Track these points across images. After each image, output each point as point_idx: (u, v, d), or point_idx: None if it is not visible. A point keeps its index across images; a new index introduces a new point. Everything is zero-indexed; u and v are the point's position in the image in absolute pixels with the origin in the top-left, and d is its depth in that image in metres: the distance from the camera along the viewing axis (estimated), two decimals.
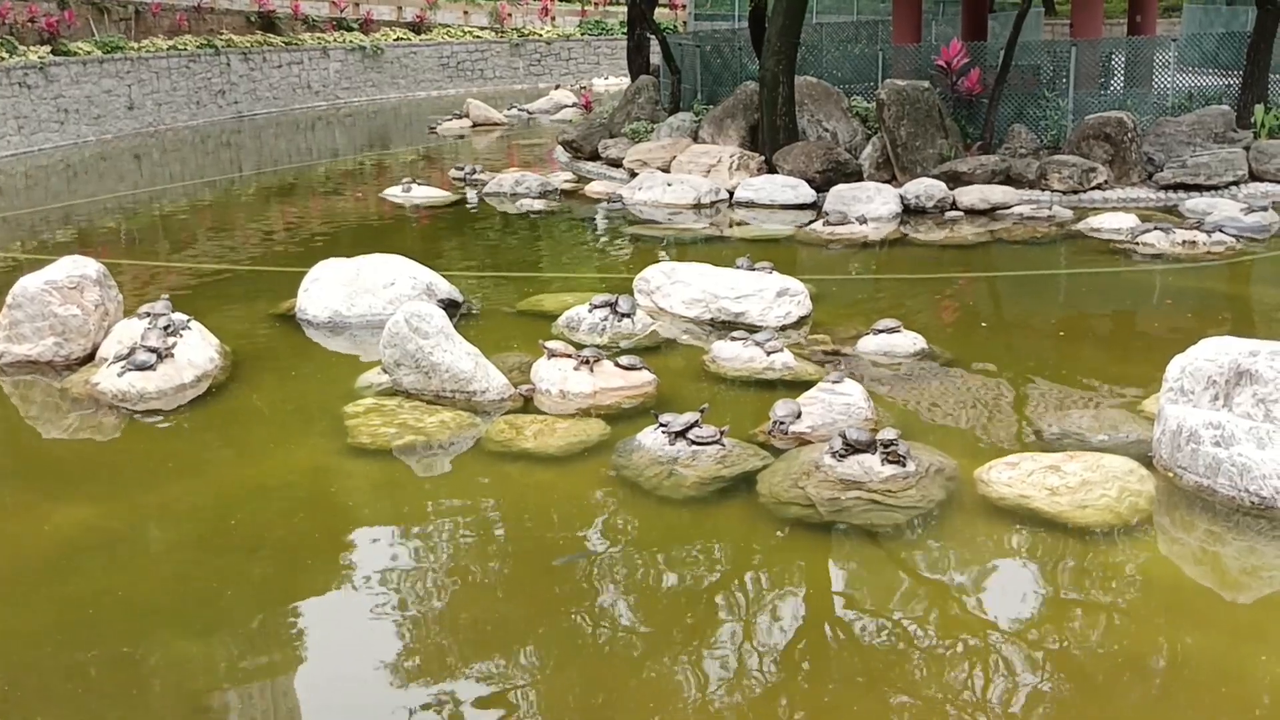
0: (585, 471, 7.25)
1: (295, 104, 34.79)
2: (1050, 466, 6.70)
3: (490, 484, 7.22)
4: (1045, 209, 14.86)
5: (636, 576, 6.02)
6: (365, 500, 7.11)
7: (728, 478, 6.93)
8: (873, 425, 7.49)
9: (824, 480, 6.70)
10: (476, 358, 8.54)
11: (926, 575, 5.98)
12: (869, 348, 9.30)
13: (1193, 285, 11.75)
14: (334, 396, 8.59)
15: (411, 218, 17.13)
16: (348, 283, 10.79)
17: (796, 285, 10.56)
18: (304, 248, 14.65)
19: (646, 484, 6.92)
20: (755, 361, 8.94)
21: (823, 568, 6.11)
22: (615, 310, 9.96)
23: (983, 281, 12.28)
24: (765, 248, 13.43)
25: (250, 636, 5.56)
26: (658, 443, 7.24)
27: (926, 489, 6.62)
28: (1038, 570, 5.98)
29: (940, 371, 8.95)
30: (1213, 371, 6.78)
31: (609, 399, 8.38)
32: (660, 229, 15.32)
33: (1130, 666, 5.07)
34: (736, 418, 7.90)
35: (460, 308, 10.98)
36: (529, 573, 6.12)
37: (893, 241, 14.05)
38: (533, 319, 10.70)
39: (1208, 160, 15.65)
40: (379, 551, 6.39)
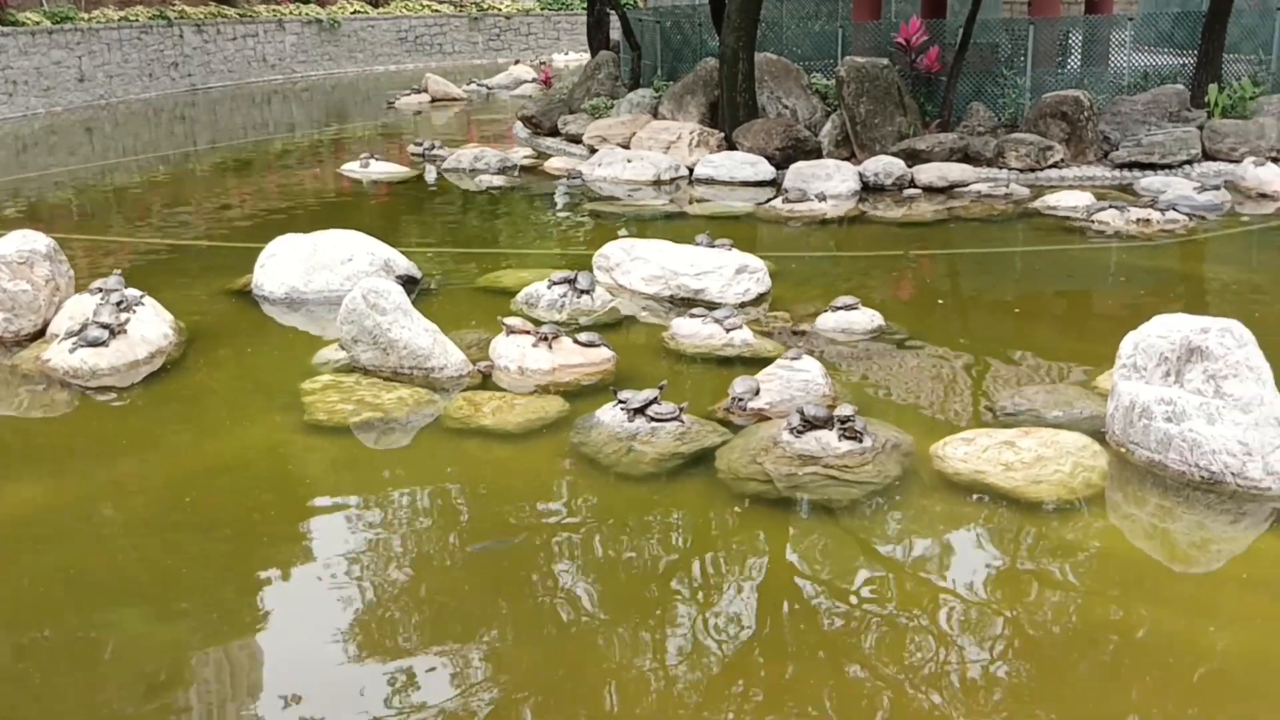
0: (544, 448, 7.25)
1: (250, 77, 34.37)
2: (1005, 442, 6.77)
3: (448, 461, 7.20)
4: (1002, 187, 14.96)
5: (595, 553, 6.03)
6: (323, 477, 7.07)
7: (686, 454, 6.95)
8: (830, 401, 7.54)
9: (782, 456, 6.73)
10: (435, 334, 8.51)
11: (883, 550, 6.04)
12: (827, 325, 9.35)
13: (1146, 263, 11.89)
14: (291, 373, 8.53)
15: (370, 193, 16.99)
16: (305, 259, 10.70)
17: (756, 262, 10.59)
18: (260, 223, 14.50)
19: (605, 460, 6.93)
20: (714, 338, 8.96)
21: (781, 543, 6.15)
22: (574, 287, 9.95)
23: (940, 259, 12.37)
24: (725, 224, 13.44)
25: (207, 615, 5.53)
26: (617, 419, 7.25)
27: (883, 464, 6.67)
28: (992, 545, 6.05)
29: (897, 348, 9.01)
30: (1165, 348, 6.87)
31: (568, 376, 8.37)
32: (620, 205, 15.30)
33: (1083, 639, 5.15)
34: (695, 394, 7.92)
35: (419, 284, 10.93)
36: (484, 538, 6.11)
37: (852, 219, 14.10)
38: (491, 295, 10.66)
39: (1162, 139, 15.81)
40: (337, 529, 6.36)
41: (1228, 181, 14.86)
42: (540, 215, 15.36)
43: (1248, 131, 16.07)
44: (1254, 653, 5.05)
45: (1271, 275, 11.67)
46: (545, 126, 20.92)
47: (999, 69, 17.63)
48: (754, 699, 4.78)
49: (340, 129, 25.12)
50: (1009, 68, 17.60)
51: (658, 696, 4.80)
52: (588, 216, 14.90)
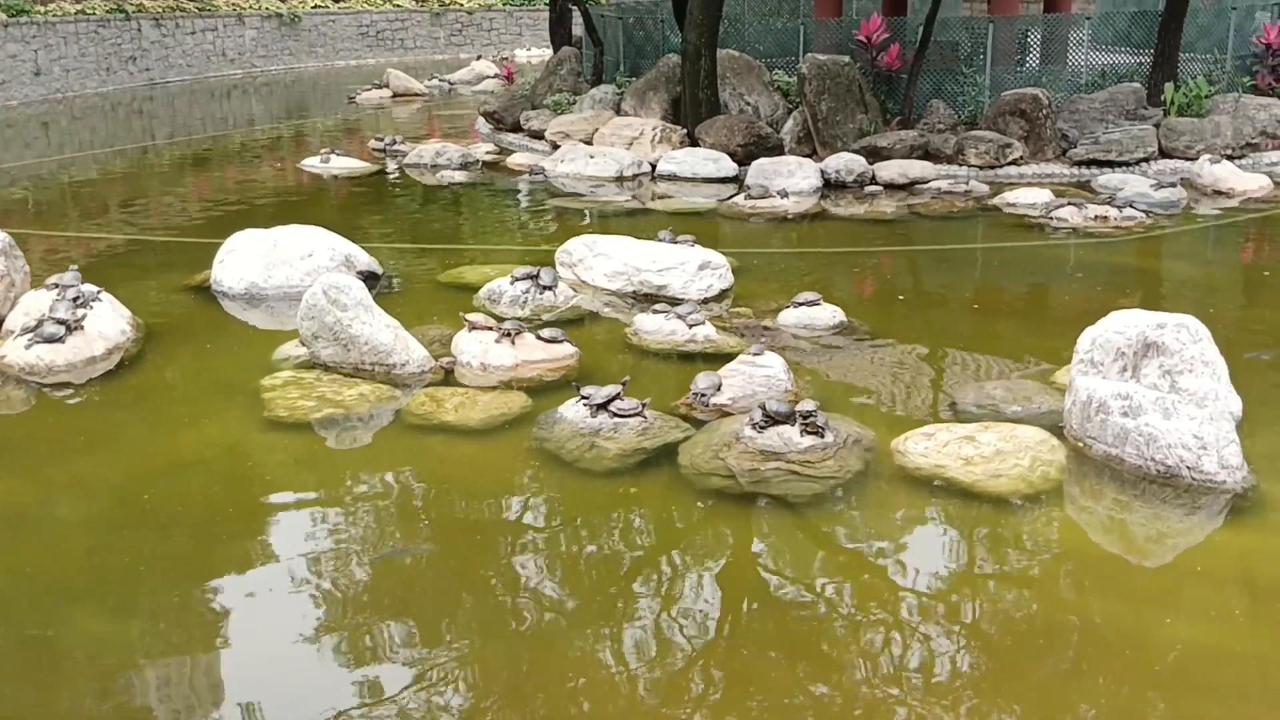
0: (506, 444, 7.23)
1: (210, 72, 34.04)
2: (965, 437, 6.82)
3: (411, 457, 7.16)
4: (962, 184, 15.06)
5: (559, 549, 6.02)
6: (283, 475, 7.01)
7: (649, 449, 6.95)
8: (792, 397, 7.56)
9: (744, 452, 6.75)
10: (396, 330, 8.46)
11: (844, 544, 6.06)
12: (789, 320, 9.38)
13: (1104, 259, 12.01)
14: (250, 369, 8.45)
15: (330, 189, 16.87)
16: (265, 254, 10.61)
17: (718, 258, 10.60)
18: (219, 218, 14.36)
19: (568, 456, 6.92)
20: (677, 334, 8.96)
21: (743, 538, 6.16)
22: (537, 283, 9.93)
23: (901, 256, 12.44)
24: (687, 221, 13.46)
25: (165, 615, 5.47)
26: (579, 415, 7.24)
27: (845, 459, 6.70)
28: (952, 538, 6.09)
29: (859, 344, 9.05)
30: (1121, 344, 6.94)
31: (530, 372, 8.35)
32: (583, 201, 15.28)
33: (1041, 631, 5.19)
34: (658, 390, 7.92)
35: (380, 280, 10.87)
36: (450, 546, 6.09)
37: (813, 215, 14.15)
38: (454, 291, 10.62)
39: (1119, 137, 15.97)
40: (298, 527, 6.31)
41: (1184, 179, 15.03)
42: (503, 211, 15.32)
43: (1203, 130, 16.26)
44: (1210, 645, 5.11)
45: (1227, 272, 11.83)
46: (507, 122, 20.85)
47: (959, 67, 17.74)
48: (715, 695, 4.79)
49: (301, 124, 24.93)
50: (969, 66, 17.72)
51: (621, 694, 4.80)
52: (550, 213, 14.87)
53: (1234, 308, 10.34)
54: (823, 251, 12.49)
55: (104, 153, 20.83)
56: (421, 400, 7.78)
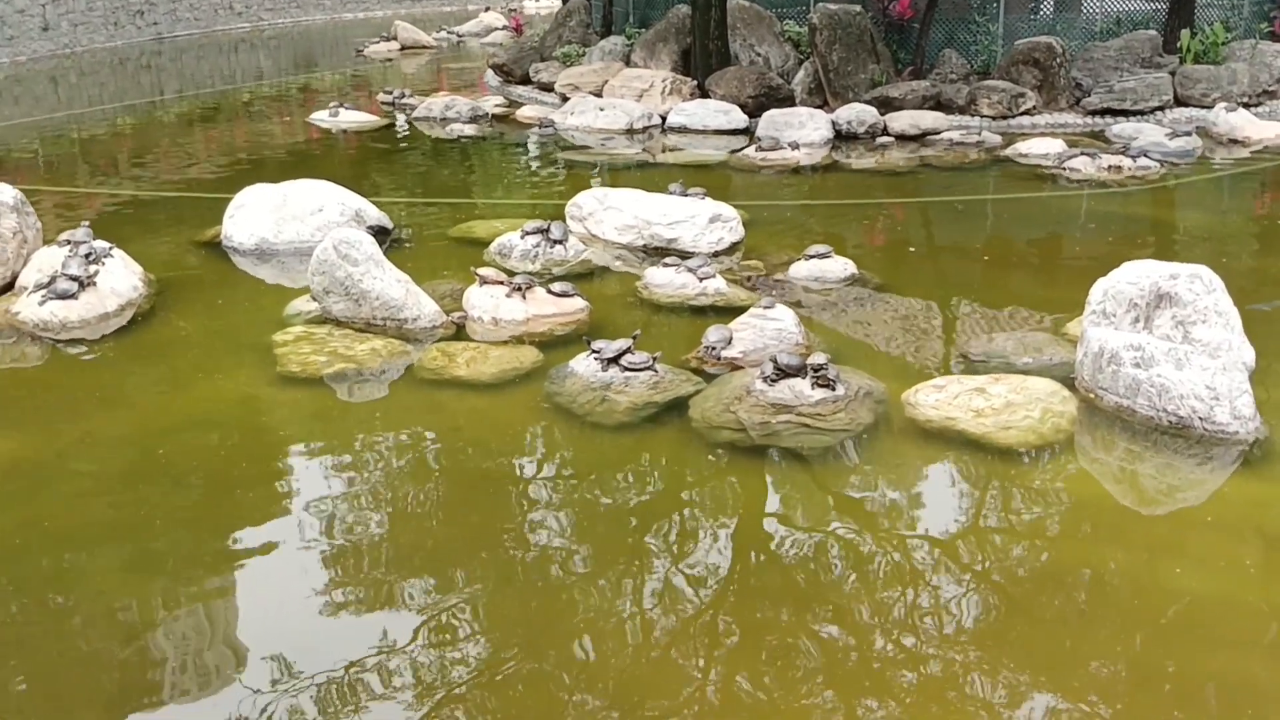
0: (518, 398, 7.25)
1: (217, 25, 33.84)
2: (976, 389, 6.81)
3: (423, 412, 7.19)
4: (975, 134, 14.94)
5: (570, 502, 6.05)
6: (296, 429, 7.05)
7: (660, 403, 6.96)
8: (803, 350, 7.55)
9: (755, 405, 6.76)
10: (407, 285, 8.46)
11: (855, 496, 6.08)
12: (800, 273, 9.35)
13: (1117, 210, 11.93)
14: (262, 325, 8.48)
15: (339, 143, 16.81)
16: (274, 209, 10.60)
17: (729, 211, 10.56)
18: (229, 173, 14.34)
19: (579, 410, 6.94)
20: (688, 288, 8.95)
21: (754, 490, 6.18)
22: (547, 237, 9.91)
23: (913, 207, 12.37)
24: (698, 173, 13.39)
25: (182, 567, 5.52)
26: (590, 369, 7.25)
27: (856, 412, 6.70)
28: (963, 490, 6.10)
29: (870, 296, 9.03)
30: (1134, 295, 6.90)
31: (541, 326, 8.36)
32: (593, 154, 15.20)
33: (1052, 581, 5.21)
34: (669, 344, 7.92)
35: (390, 234, 10.86)
36: (463, 500, 6.12)
37: (824, 167, 14.07)
38: (464, 246, 10.61)
39: (1134, 85, 15.81)
40: (311, 480, 6.35)
41: (1199, 127, 14.90)
42: (512, 164, 15.26)
43: (1219, 77, 16.08)
44: (1220, 594, 5.13)
45: (1241, 221, 11.74)
46: (517, 74, 20.72)
47: (972, 16, 17.55)
48: (728, 643, 4.82)
49: (309, 77, 24.80)
50: (981, 14, 17.52)
51: (634, 643, 4.84)
52: (560, 166, 14.81)
53: (1248, 257, 10.28)
54: (834, 203, 12.43)
55: (113, 108, 20.77)
56: (433, 355, 7.79)
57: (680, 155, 14.88)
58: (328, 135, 17.27)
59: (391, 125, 17.82)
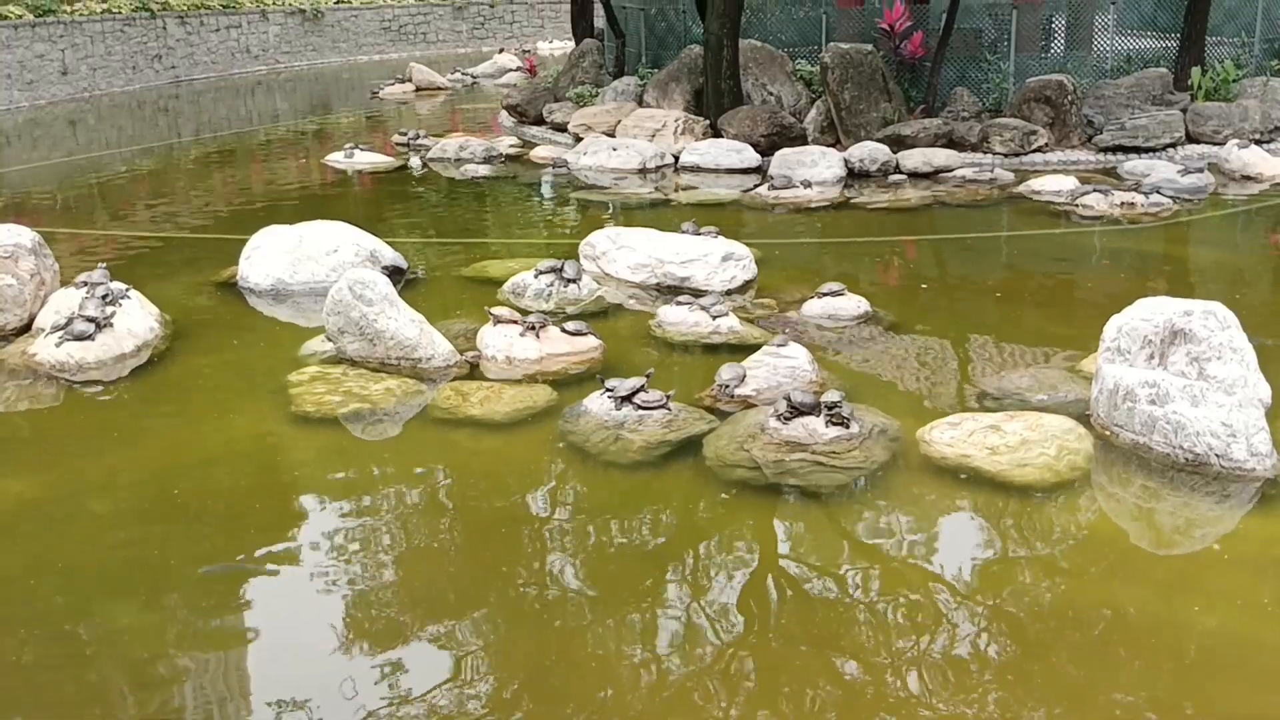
0: (532, 437, 7.26)
1: (234, 69, 34.21)
2: (991, 426, 6.80)
3: (437, 451, 7.20)
4: (987, 172, 14.98)
5: (584, 541, 6.05)
6: (311, 469, 7.07)
7: (674, 442, 6.96)
8: (817, 388, 7.55)
9: (769, 443, 6.75)
10: (421, 324, 8.50)
11: (870, 535, 6.06)
12: (814, 311, 9.37)
13: (1130, 246, 11.92)
14: (277, 365, 8.51)
15: (355, 184, 16.93)
16: (290, 250, 10.68)
17: (742, 249, 10.60)
18: (245, 215, 14.44)
19: (593, 449, 6.94)
20: (701, 326, 8.97)
21: (769, 529, 6.17)
22: (561, 276, 9.95)
23: (926, 244, 12.38)
24: (711, 212, 13.44)
25: (196, 607, 5.52)
26: (604, 408, 7.26)
27: (870, 450, 6.69)
28: (979, 528, 6.08)
29: (884, 334, 9.03)
30: (1148, 331, 6.89)
31: (555, 365, 8.38)
32: (606, 194, 15.28)
33: (1068, 621, 5.17)
34: (682, 382, 7.93)
35: (405, 274, 10.92)
36: (477, 540, 6.12)
37: (837, 205, 14.11)
38: (478, 285, 10.66)
39: (1145, 123, 15.85)
40: (325, 520, 6.36)
41: (1211, 164, 14.91)
42: (526, 204, 15.34)
43: (1231, 114, 16.11)
44: (1238, 632, 5.08)
45: (1254, 257, 11.73)
46: (530, 115, 20.87)
47: (983, 54, 17.64)
48: (743, 687, 4.80)
49: (324, 119, 25.03)
50: (993, 53, 17.61)
51: (648, 685, 4.82)
52: (574, 205, 14.89)
53: (1263, 293, 10.26)
54: (847, 241, 12.46)
55: (130, 150, 20.98)
56: (447, 394, 7.82)
57: (693, 194, 14.95)
58: (343, 177, 17.40)
59: (406, 166, 17.94)
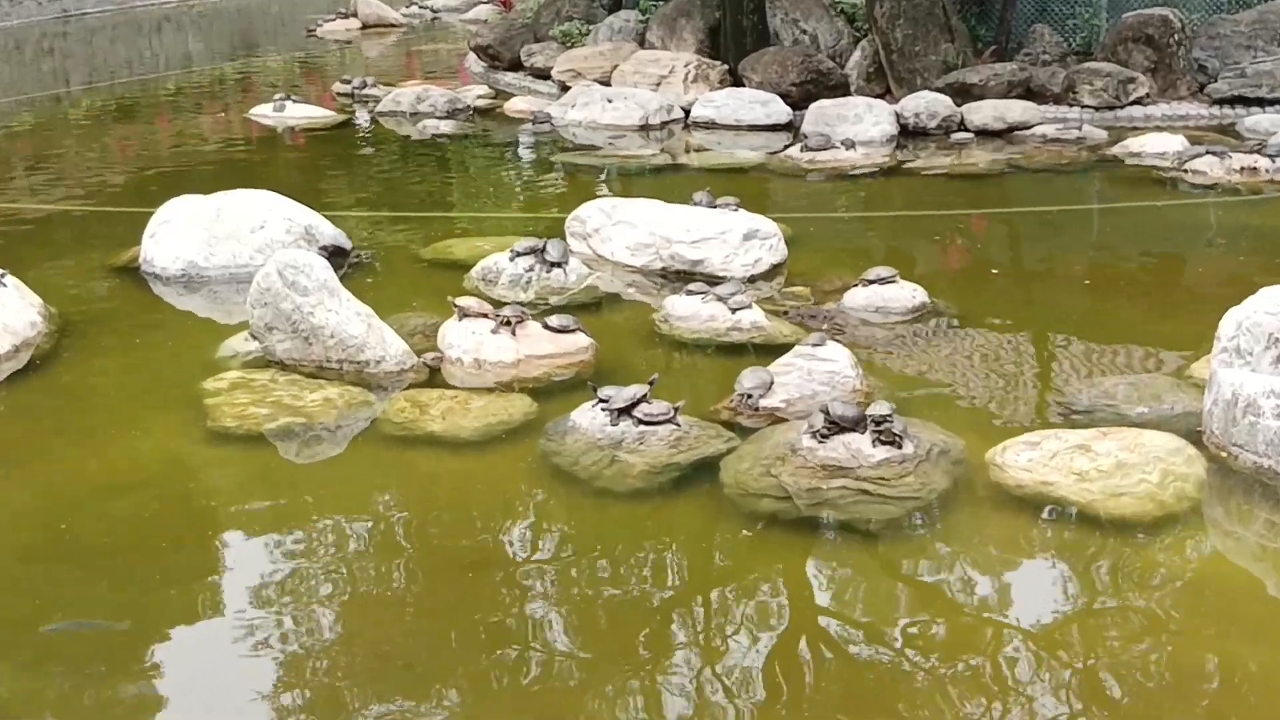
0: (507, 459, 7.26)
1: (136, 1, 34.25)
2: (1078, 446, 6.79)
3: (388, 477, 7.20)
4: (1074, 129, 15.00)
5: (571, 590, 6.04)
6: (233, 499, 7.07)
7: (683, 465, 6.97)
8: (862, 398, 7.56)
9: (802, 466, 6.75)
10: (369, 319, 8.51)
11: (927, 581, 6.06)
12: (858, 302, 9.38)
13: (1253, 222, 11.92)
14: (190, 369, 8.51)
15: (287, 144, 16.95)
16: (206, 226, 10.69)
17: (768, 226, 10.61)
18: (150, 183, 14.46)
19: (583, 474, 6.94)
20: (717, 320, 8.98)
21: (801, 574, 6.17)
22: (543, 258, 9.95)
23: (997, 219, 12.38)
24: (730, 179, 13.45)
25: (89, 670, 5.52)
26: (597, 423, 7.26)
27: (928, 475, 6.69)
28: (1064, 574, 6.07)
29: (945, 330, 9.04)
30: (1275, 328, 6.89)
31: (536, 369, 8.39)
32: (599, 156, 15.30)
33: (1175, 688, 5.16)
34: (695, 390, 7.94)
35: (349, 256, 10.94)
36: (437, 588, 6.12)
37: (887, 170, 14.12)
38: (440, 270, 10.68)
39: (1271, 68, 15.85)
40: (252, 564, 6.36)
41: None
42: (500, 170, 15.36)
43: None
44: None
45: None
46: (505, 59, 20.89)
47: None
48: None
49: (248, 63, 25.06)
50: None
51: None
52: (559, 171, 14.91)
53: None
54: (899, 215, 12.46)
55: (6, 102, 20.98)
56: (401, 406, 7.82)
57: (708, 157, 14.96)
58: (272, 135, 17.41)
59: (350, 122, 17.96)
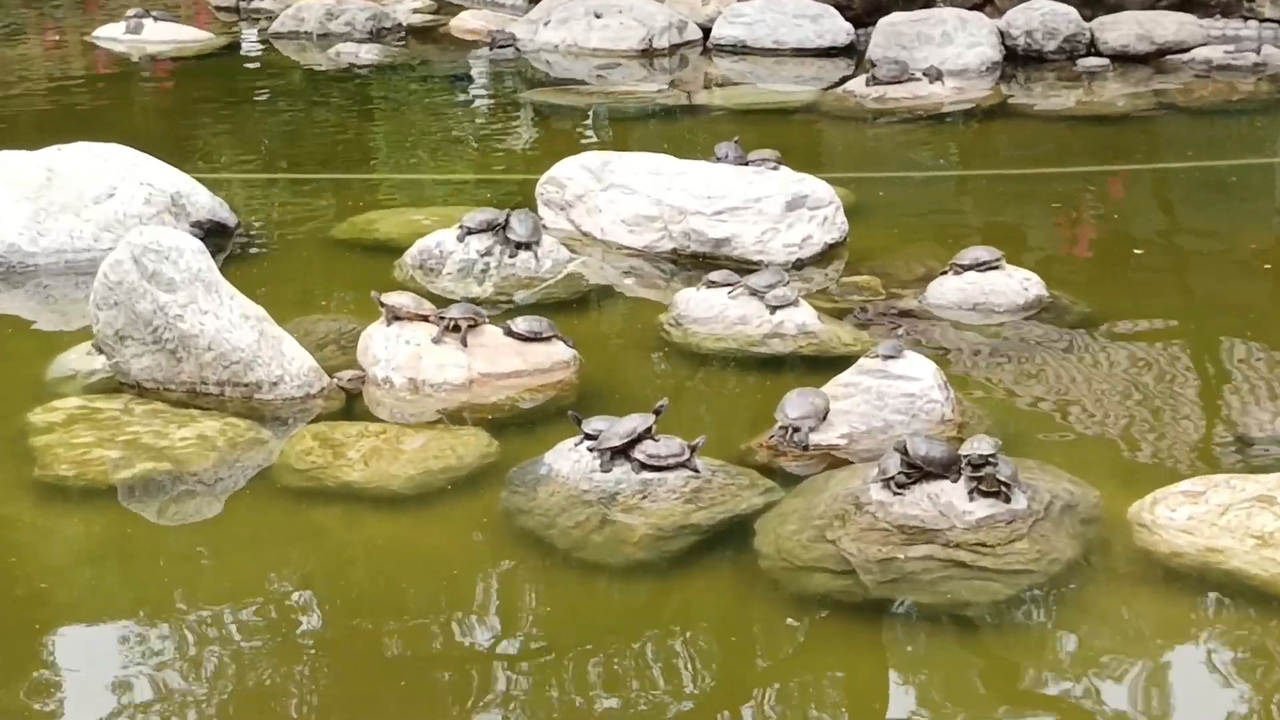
0: (454, 521, 7.25)
1: None
2: (1259, 498, 6.77)
3: (288, 547, 7.19)
4: (1249, 52, 14.99)
5: (546, 704, 6.04)
6: (68, 579, 7.04)
7: (704, 527, 6.93)
8: (954, 431, 7.54)
9: (871, 528, 6.72)
10: (262, 324, 8.49)
11: (1049, 692, 6.04)
12: (948, 296, 9.37)
13: None
14: (10, 396, 8.51)
15: (145, 79, 16.94)
16: (33, 195, 10.69)
17: (822, 189, 10.60)
18: None
19: (562, 540, 6.91)
20: (750, 323, 8.96)
21: (870, 681, 6.15)
22: (505, 237, 9.93)
23: (1142, 179, 12.38)
24: (767, 125, 13.46)
25: None
26: (582, 468, 7.22)
27: (1048, 539, 6.66)
28: (1240, 676, 6.05)
29: (1069, 336, 9.02)
30: None
31: (495, 392, 8.39)
32: (584, 94, 15.29)
33: None
34: (719, 422, 7.95)
35: (234, 236, 10.91)
36: (357, 704, 6.11)
37: (988, 111, 14.13)
38: (361, 254, 10.67)
39: None
40: (92, 673, 6.33)
41: None
42: (444, 114, 15.35)
43: None
44: None
45: None
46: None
47: None
48: None
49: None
50: None
51: None
52: (527, 114, 14.90)
53: None
54: (1004, 175, 12.46)
55: None
56: (307, 446, 7.79)
57: (736, 94, 14.98)
58: (125, 66, 17.41)
59: (234, 47, 17.96)
